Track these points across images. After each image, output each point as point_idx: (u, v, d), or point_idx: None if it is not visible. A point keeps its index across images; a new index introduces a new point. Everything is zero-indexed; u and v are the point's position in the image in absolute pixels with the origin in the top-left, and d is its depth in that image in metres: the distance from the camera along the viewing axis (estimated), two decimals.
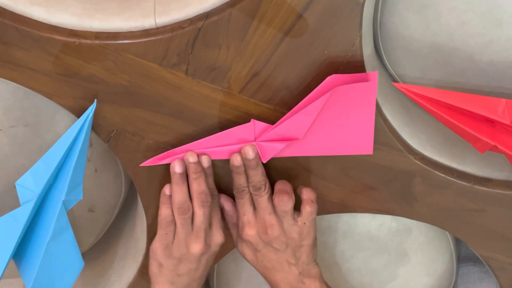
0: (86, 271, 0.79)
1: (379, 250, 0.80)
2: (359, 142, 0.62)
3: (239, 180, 0.63)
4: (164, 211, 0.63)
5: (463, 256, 0.92)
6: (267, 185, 0.63)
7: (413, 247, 0.80)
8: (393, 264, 0.81)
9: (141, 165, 0.64)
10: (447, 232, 0.82)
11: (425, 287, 0.83)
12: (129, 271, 0.77)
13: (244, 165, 0.62)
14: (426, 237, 0.81)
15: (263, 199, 0.63)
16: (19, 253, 0.62)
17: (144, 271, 0.75)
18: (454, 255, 0.85)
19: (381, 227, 0.79)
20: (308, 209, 0.63)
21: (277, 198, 0.63)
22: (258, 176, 0.62)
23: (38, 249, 0.61)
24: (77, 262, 0.66)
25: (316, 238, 0.66)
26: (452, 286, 0.88)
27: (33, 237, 0.62)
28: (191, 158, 0.61)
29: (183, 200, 0.61)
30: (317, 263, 0.66)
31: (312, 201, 0.64)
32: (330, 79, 0.57)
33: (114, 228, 0.82)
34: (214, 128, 0.63)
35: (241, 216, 0.64)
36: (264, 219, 0.63)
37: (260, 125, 0.61)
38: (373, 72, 0.57)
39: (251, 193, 0.63)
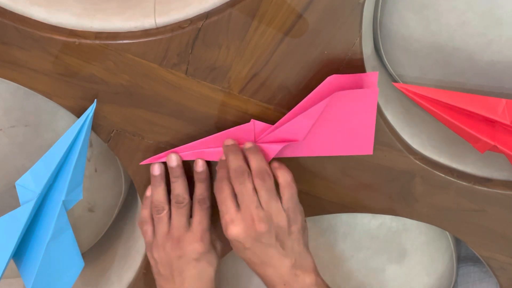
0: (86, 271, 0.78)
1: (379, 250, 0.80)
2: (359, 143, 0.62)
3: (220, 171, 0.61)
4: (142, 213, 0.66)
5: (463, 256, 0.92)
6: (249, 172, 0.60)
7: (413, 247, 0.80)
8: (393, 264, 0.81)
9: (141, 163, 0.64)
10: (447, 232, 0.82)
11: (425, 287, 0.83)
12: (129, 271, 0.77)
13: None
14: (426, 237, 0.81)
15: (247, 189, 0.58)
16: (19, 253, 0.62)
17: (144, 271, 0.75)
18: (454, 255, 0.85)
19: (381, 227, 0.79)
20: (287, 193, 0.60)
21: (255, 179, 0.59)
22: (238, 160, 0.60)
23: (38, 249, 0.61)
24: (77, 262, 0.66)
25: (305, 221, 0.63)
26: (452, 286, 0.88)
27: (33, 237, 0.62)
28: (171, 163, 0.62)
29: (159, 200, 0.63)
30: (309, 252, 0.63)
31: (289, 183, 0.61)
32: (330, 79, 0.57)
33: (114, 228, 0.82)
34: (214, 128, 0.63)
35: (223, 215, 0.60)
36: (251, 213, 0.58)
37: (260, 125, 0.61)
38: (373, 73, 0.57)
39: (232, 188, 0.60)
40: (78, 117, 0.61)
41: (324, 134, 0.61)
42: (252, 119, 0.61)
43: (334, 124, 0.60)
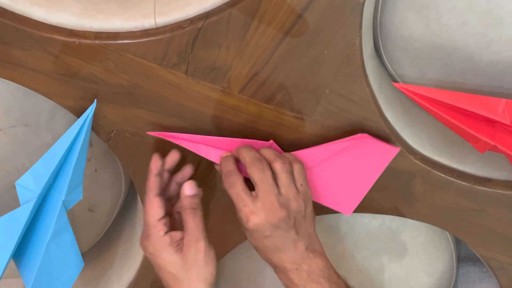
0: (86, 271, 0.79)
1: (379, 250, 0.80)
2: (346, 200, 0.64)
3: (227, 165, 0.59)
4: None
5: (463, 256, 0.93)
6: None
7: (413, 247, 0.80)
8: (393, 264, 0.81)
9: (148, 133, 0.63)
10: (447, 232, 0.82)
11: (425, 287, 0.83)
12: (129, 271, 0.77)
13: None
14: (426, 237, 0.81)
15: (267, 176, 0.58)
16: (19, 253, 0.62)
17: (144, 271, 0.75)
18: (454, 255, 0.85)
19: (381, 227, 0.79)
20: (297, 166, 0.60)
21: (276, 162, 0.59)
22: (254, 151, 0.59)
23: (38, 249, 0.61)
24: (77, 262, 0.66)
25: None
26: (452, 286, 0.88)
27: (33, 237, 0.62)
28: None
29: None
30: (317, 234, 0.63)
31: (296, 158, 0.61)
32: (360, 136, 0.60)
33: (114, 228, 0.82)
34: (214, 128, 0.63)
35: (241, 208, 0.58)
36: (272, 201, 0.57)
37: (277, 148, 0.62)
38: (396, 148, 0.62)
39: (242, 180, 0.59)
40: (78, 117, 0.61)
41: (324, 177, 0.63)
42: (271, 140, 0.62)
43: (339, 170, 0.63)
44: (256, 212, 0.58)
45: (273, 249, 0.60)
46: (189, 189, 0.60)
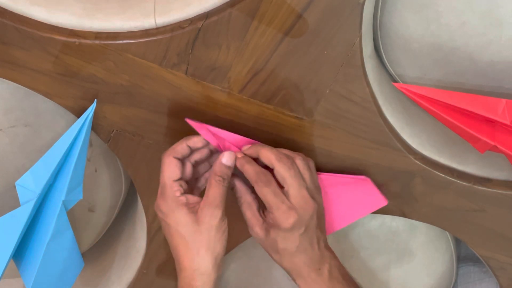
0: (86, 271, 0.79)
1: (379, 250, 0.80)
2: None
3: (253, 166, 0.58)
4: None
5: (463, 256, 0.93)
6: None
7: (413, 247, 0.80)
8: (393, 264, 0.81)
9: (186, 119, 0.59)
10: (447, 232, 0.82)
11: (425, 287, 0.83)
12: (129, 271, 0.77)
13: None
14: (426, 237, 0.81)
15: (296, 171, 0.57)
16: (19, 253, 0.62)
17: (144, 271, 0.75)
18: (454, 255, 0.85)
19: (381, 227, 0.79)
20: (310, 161, 0.61)
21: (297, 159, 0.59)
22: (276, 149, 0.59)
23: (38, 249, 0.61)
24: (77, 262, 0.66)
25: None
26: (452, 286, 0.88)
27: (33, 237, 0.62)
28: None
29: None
30: None
31: (305, 156, 0.61)
32: (362, 178, 0.64)
33: (114, 228, 0.82)
34: None
35: (279, 206, 0.56)
36: (303, 195, 0.57)
37: None
38: (385, 200, 0.66)
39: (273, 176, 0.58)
40: (78, 117, 0.61)
41: None
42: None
43: (328, 200, 0.64)
44: (293, 207, 0.56)
45: (302, 249, 0.58)
46: (228, 158, 0.58)
